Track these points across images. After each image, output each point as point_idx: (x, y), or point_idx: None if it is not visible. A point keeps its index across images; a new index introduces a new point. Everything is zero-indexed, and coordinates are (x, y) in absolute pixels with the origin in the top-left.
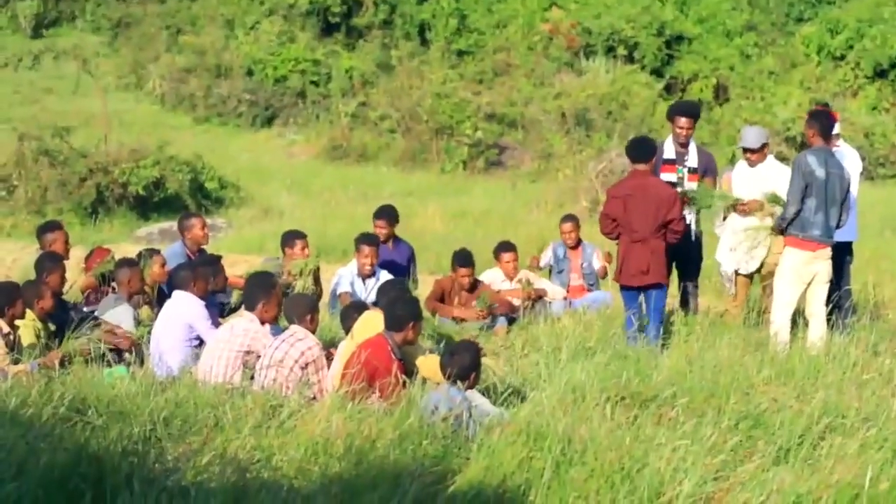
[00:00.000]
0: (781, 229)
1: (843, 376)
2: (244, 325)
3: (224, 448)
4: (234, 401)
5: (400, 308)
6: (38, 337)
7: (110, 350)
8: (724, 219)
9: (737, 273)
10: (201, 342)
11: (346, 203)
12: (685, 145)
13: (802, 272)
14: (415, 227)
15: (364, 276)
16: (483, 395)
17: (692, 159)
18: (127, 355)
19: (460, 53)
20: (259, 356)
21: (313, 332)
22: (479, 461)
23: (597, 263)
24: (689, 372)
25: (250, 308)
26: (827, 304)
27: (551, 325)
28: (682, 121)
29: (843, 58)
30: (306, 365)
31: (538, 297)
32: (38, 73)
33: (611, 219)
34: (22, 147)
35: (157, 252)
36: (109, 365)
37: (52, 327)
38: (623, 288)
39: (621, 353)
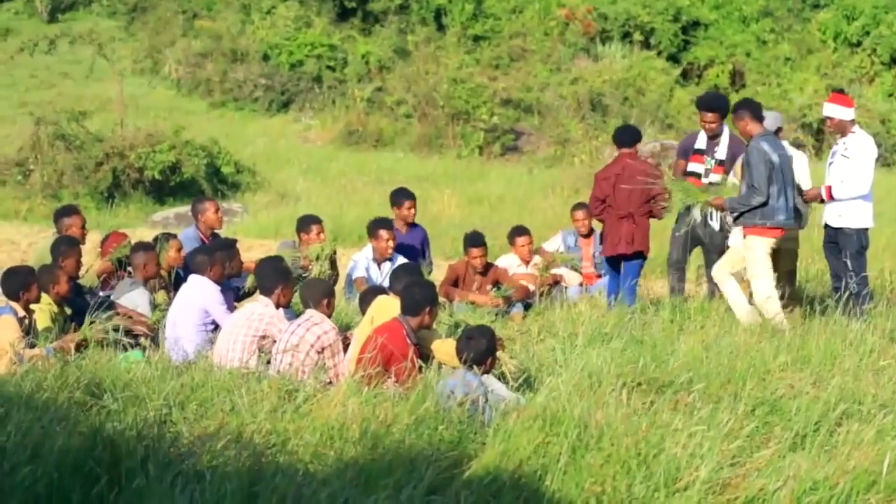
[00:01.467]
0: (735, 214)
1: (859, 363)
2: (259, 310)
3: (239, 432)
4: (250, 385)
5: (416, 292)
6: (53, 321)
7: (126, 334)
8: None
9: None
10: (216, 327)
11: (361, 188)
12: (714, 137)
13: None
14: (431, 213)
15: (379, 261)
16: (499, 380)
17: (721, 151)
18: (143, 340)
19: (476, 39)
20: (274, 341)
21: (329, 316)
22: (494, 446)
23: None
24: (705, 358)
25: (265, 293)
26: (842, 291)
27: (567, 310)
28: (708, 115)
29: (859, 44)
30: (322, 349)
31: (555, 283)
32: (55, 58)
33: (599, 200)
34: (38, 131)
35: (174, 236)
36: (125, 349)
37: (68, 311)
38: (607, 259)
39: (638, 338)
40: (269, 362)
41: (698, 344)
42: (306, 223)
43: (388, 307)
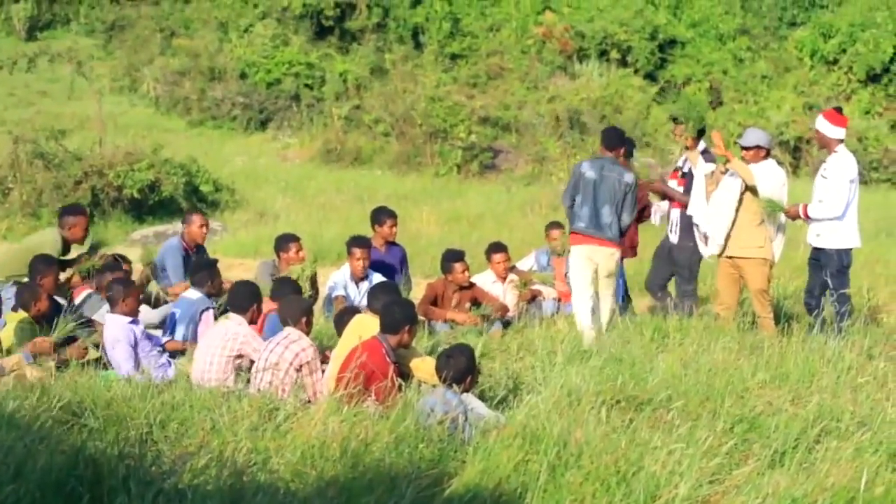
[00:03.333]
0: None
1: (837, 380)
2: (233, 329)
3: (220, 451)
4: (231, 403)
5: (396, 311)
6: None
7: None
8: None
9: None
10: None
11: (340, 206)
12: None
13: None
14: (409, 231)
15: (357, 279)
16: (479, 398)
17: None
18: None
19: (454, 57)
20: (251, 360)
21: (308, 334)
22: (475, 464)
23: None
24: (684, 375)
25: (239, 311)
26: (815, 308)
27: (546, 328)
28: (675, 128)
29: (836, 62)
30: (301, 367)
31: (532, 298)
32: (33, 76)
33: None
34: (17, 150)
35: (124, 257)
36: (105, 368)
37: (47, 328)
38: None
39: (617, 356)
40: (248, 381)
41: (677, 361)
42: (285, 242)
43: (368, 326)
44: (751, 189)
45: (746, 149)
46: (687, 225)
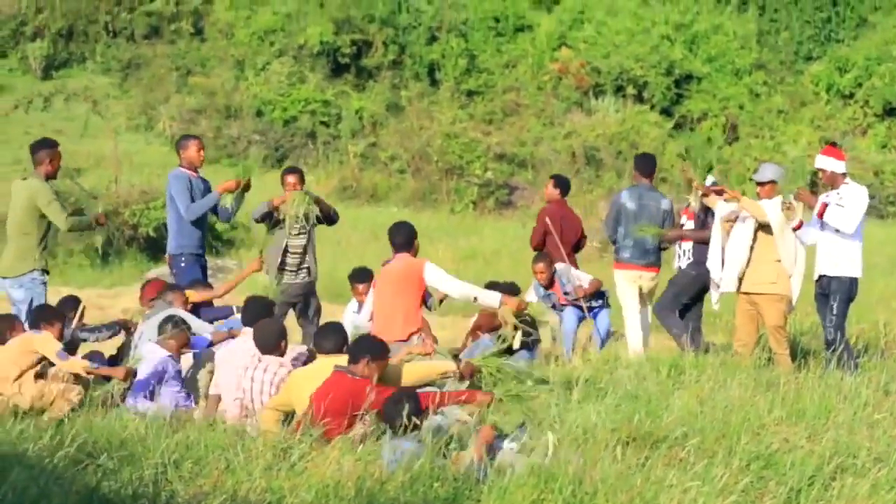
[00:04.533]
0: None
1: (854, 416)
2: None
3: (235, 490)
4: (245, 443)
5: (353, 345)
6: None
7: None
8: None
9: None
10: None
11: (356, 244)
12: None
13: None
14: None
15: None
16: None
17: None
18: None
19: (470, 93)
20: None
21: (282, 355)
22: (490, 503)
23: (576, 282)
24: (700, 412)
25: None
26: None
27: (562, 365)
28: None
29: (851, 96)
30: (278, 385)
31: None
32: (49, 115)
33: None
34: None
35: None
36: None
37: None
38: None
39: (632, 393)
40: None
41: (693, 398)
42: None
43: (321, 370)
44: (764, 226)
45: (761, 184)
46: (699, 254)
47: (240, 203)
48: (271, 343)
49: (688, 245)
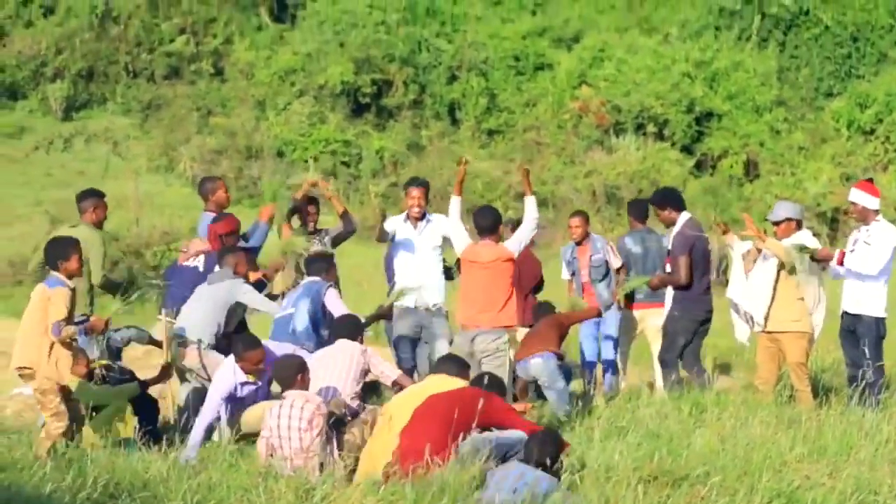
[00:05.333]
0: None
1: (875, 452)
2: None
3: None
4: (268, 484)
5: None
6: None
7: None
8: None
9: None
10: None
11: (378, 283)
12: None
13: None
14: (449, 308)
15: (414, 220)
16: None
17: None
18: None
19: (490, 133)
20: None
21: (306, 388)
22: None
23: (609, 257)
24: (721, 450)
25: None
26: (859, 380)
27: (582, 406)
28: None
29: (872, 132)
30: (323, 423)
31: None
32: (70, 156)
33: None
34: (54, 230)
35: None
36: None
37: None
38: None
39: (654, 431)
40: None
41: (715, 436)
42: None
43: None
44: (787, 268)
45: (777, 223)
46: (679, 295)
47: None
48: (291, 377)
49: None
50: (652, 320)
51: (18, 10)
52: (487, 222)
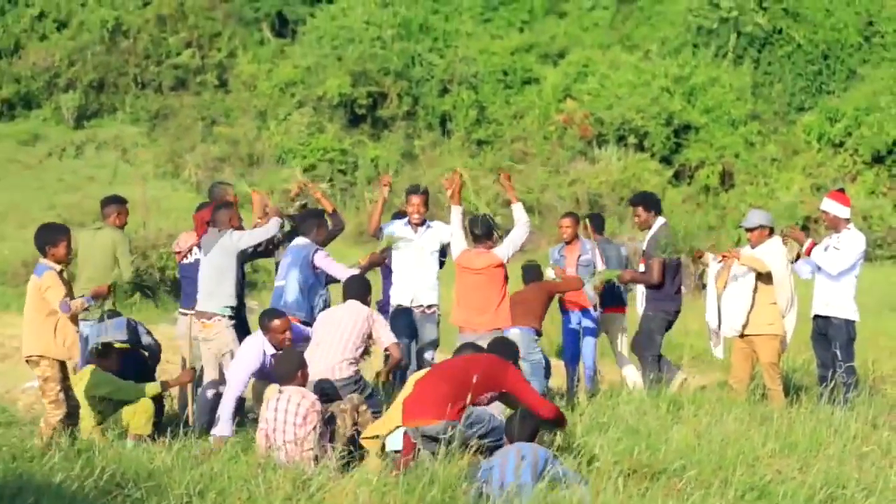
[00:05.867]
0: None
1: (843, 449)
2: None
3: None
4: (267, 474)
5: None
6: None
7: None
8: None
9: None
10: None
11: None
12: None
13: None
14: (442, 308)
15: (414, 225)
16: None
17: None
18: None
19: (480, 143)
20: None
21: (303, 385)
22: None
23: (596, 258)
24: (697, 445)
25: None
26: (829, 381)
27: (565, 402)
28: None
29: (842, 145)
30: (317, 420)
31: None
32: (81, 162)
33: None
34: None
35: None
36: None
37: None
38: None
39: (633, 427)
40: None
41: (691, 432)
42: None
43: None
44: (764, 275)
45: (750, 230)
46: (652, 294)
47: None
48: (291, 373)
49: (643, 288)
50: (615, 323)
51: (33, 25)
52: (481, 230)
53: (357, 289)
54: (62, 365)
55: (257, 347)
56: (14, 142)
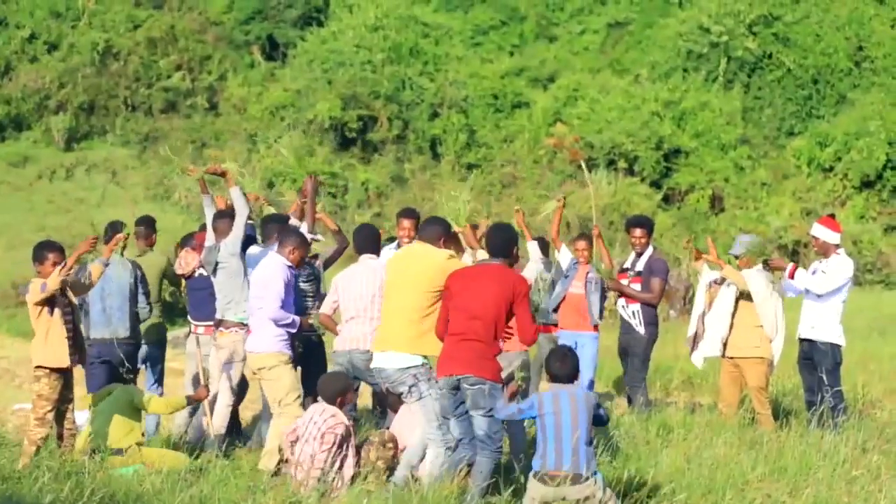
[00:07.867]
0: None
1: (833, 473)
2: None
3: None
4: (256, 497)
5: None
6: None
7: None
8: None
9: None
10: None
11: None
12: (640, 253)
13: None
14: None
15: None
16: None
17: (641, 264)
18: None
19: (470, 167)
20: None
21: (342, 408)
22: None
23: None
24: (687, 469)
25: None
26: (817, 405)
27: None
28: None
29: (831, 169)
30: (324, 436)
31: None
32: (71, 184)
33: None
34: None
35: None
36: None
37: None
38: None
39: (624, 451)
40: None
41: (681, 456)
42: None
43: None
44: (745, 294)
45: (737, 257)
46: (648, 316)
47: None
48: (332, 396)
49: (636, 307)
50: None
51: (24, 46)
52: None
53: (367, 242)
54: (63, 387)
55: (280, 262)
56: (4, 163)
